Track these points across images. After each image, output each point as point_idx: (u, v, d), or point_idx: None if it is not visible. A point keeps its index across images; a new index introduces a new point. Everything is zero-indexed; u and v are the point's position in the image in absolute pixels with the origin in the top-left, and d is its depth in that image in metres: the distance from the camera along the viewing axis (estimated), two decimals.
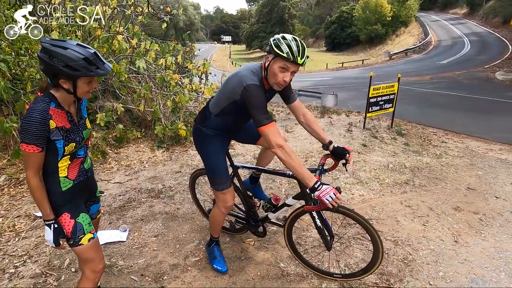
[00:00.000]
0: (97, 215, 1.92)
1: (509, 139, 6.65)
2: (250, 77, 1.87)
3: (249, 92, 1.82)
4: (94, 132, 4.71)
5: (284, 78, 1.84)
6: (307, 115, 2.18)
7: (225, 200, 2.21)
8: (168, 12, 5.57)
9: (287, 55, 1.76)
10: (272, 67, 1.84)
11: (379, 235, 2.01)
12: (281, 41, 1.79)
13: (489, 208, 3.59)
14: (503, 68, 19.15)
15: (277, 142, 1.79)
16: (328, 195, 1.73)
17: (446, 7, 51.05)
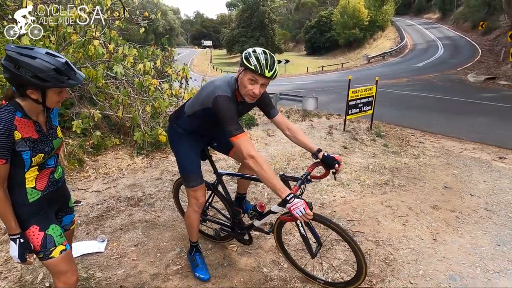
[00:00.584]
0: (71, 226, 1.83)
1: (481, 138, 6.92)
2: (224, 88, 1.92)
3: (219, 103, 1.87)
4: (70, 139, 4.57)
5: (253, 90, 1.87)
6: (291, 127, 2.20)
7: (196, 197, 2.25)
8: (146, 16, 5.49)
9: (255, 68, 1.80)
10: (242, 79, 1.89)
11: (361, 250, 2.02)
12: (251, 54, 1.83)
13: (465, 205, 3.71)
14: (474, 71, 19.97)
15: (249, 152, 1.80)
16: (298, 209, 1.70)
17: (420, 12, 52.88)
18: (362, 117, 7.36)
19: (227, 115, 1.85)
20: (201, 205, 2.31)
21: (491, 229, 3.19)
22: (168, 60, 6.46)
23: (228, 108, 1.87)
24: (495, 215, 3.47)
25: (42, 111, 1.50)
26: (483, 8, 30.13)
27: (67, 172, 4.10)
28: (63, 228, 1.73)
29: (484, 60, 22.72)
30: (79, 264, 2.50)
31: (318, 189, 3.94)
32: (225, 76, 2.09)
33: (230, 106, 1.88)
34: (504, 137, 6.93)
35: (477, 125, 8.21)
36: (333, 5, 53.74)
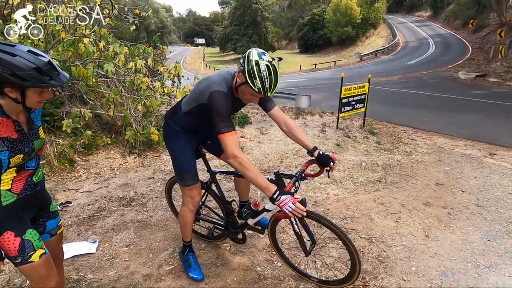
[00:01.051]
0: (57, 231, 1.73)
1: (472, 135, 7.01)
2: (219, 83, 1.89)
3: (214, 98, 1.85)
4: (60, 139, 4.50)
5: (252, 100, 1.91)
6: (289, 122, 2.16)
7: (191, 196, 2.22)
8: (137, 14, 5.42)
9: (258, 91, 1.77)
10: (243, 89, 1.87)
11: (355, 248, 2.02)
12: (255, 72, 1.74)
13: (456, 202, 3.74)
14: (465, 68, 20.21)
15: (233, 152, 1.79)
16: (287, 205, 1.70)
17: (412, 9, 53.28)
18: (355, 114, 7.38)
19: (220, 111, 1.83)
20: (196, 204, 2.29)
21: (482, 225, 3.23)
22: (160, 58, 6.40)
23: (222, 104, 1.84)
24: (486, 211, 3.52)
25: (22, 110, 1.43)
26: (473, 6, 30.49)
27: (57, 172, 4.04)
28: (49, 234, 1.66)
29: (474, 58, 23.00)
30: (70, 265, 2.47)
31: (311, 187, 3.94)
32: (220, 71, 2.05)
33: (224, 102, 1.86)
34: (495, 134, 7.03)
35: (468, 122, 8.30)
36: (326, 2, 53.78)
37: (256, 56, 1.78)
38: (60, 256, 1.80)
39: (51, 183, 3.80)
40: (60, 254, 1.81)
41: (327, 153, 2.07)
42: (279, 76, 1.82)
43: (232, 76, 1.97)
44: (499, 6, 23.25)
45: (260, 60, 1.77)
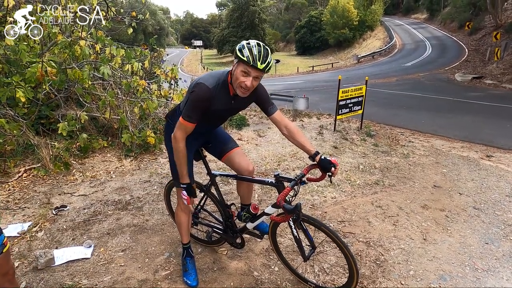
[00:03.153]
0: (3, 249, 1.55)
1: (469, 137, 7.03)
2: (206, 79, 1.94)
3: (194, 90, 1.91)
4: (56, 142, 4.46)
5: (245, 82, 1.83)
6: (290, 127, 2.09)
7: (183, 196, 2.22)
8: (134, 16, 5.40)
9: (247, 59, 1.77)
10: (235, 71, 1.86)
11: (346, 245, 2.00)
12: (244, 46, 1.80)
13: (454, 204, 3.74)
14: (461, 70, 20.31)
15: (176, 134, 1.96)
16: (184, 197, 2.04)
17: (408, 12, 53.60)
18: (352, 116, 7.39)
19: (191, 103, 1.91)
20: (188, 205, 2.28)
21: (480, 228, 3.22)
22: (157, 61, 6.37)
23: (197, 97, 1.89)
24: (483, 214, 3.51)
25: None
26: (469, 8, 30.65)
27: (53, 175, 4.00)
28: None
29: (470, 60, 23.12)
30: (64, 271, 2.43)
31: (308, 190, 3.92)
32: (217, 70, 2.07)
33: (201, 96, 1.89)
34: (491, 136, 7.06)
35: (465, 124, 8.33)
36: (323, 5, 54.06)
37: (247, 41, 1.88)
38: (10, 272, 1.68)
39: (46, 187, 3.77)
40: (10, 270, 1.69)
41: (329, 158, 2.02)
42: (269, 52, 1.85)
43: (226, 73, 1.97)
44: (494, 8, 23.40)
45: (251, 41, 1.87)
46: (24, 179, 3.89)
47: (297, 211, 1.84)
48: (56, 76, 4.19)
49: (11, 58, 4.17)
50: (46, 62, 4.01)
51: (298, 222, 2.03)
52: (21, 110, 4.21)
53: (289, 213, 1.82)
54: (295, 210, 1.81)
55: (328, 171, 2.00)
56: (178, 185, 2.23)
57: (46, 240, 2.82)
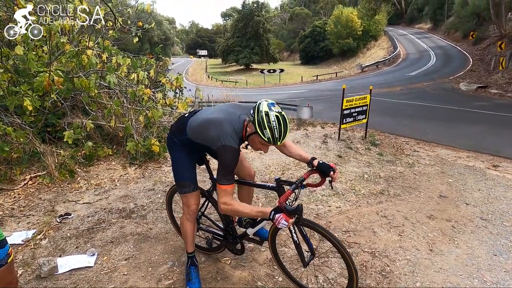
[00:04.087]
0: (7, 259, 1.56)
1: (475, 146, 6.97)
2: (231, 136, 1.93)
3: (224, 152, 1.90)
4: (61, 150, 4.49)
5: (262, 149, 1.98)
6: (286, 143, 2.22)
7: (188, 204, 2.26)
8: (140, 26, 5.48)
9: (268, 140, 1.85)
10: (253, 138, 1.95)
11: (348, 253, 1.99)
12: (265, 123, 1.83)
13: (460, 215, 3.69)
14: (466, 80, 20.26)
15: (224, 201, 1.92)
16: (281, 223, 1.80)
17: (412, 22, 53.82)
18: (356, 126, 7.37)
19: (226, 164, 1.91)
20: (193, 213, 2.30)
21: (487, 239, 3.17)
22: (162, 70, 6.44)
23: (230, 159, 1.91)
24: (491, 224, 3.46)
25: None
26: (472, 18, 30.73)
27: (57, 183, 4.02)
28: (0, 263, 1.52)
29: (475, 69, 23.07)
30: (67, 279, 2.42)
31: (313, 199, 3.90)
32: (230, 114, 2.02)
33: (233, 157, 1.92)
34: (497, 145, 6.99)
35: (470, 134, 8.27)
36: (327, 15, 54.50)
37: (266, 107, 1.86)
38: (13, 282, 1.66)
39: (51, 194, 3.78)
40: (14, 280, 1.69)
41: (327, 162, 2.08)
42: (288, 126, 1.90)
43: (242, 124, 2.00)
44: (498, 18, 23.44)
45: (270, 111, 1.84)
46: (29, 186, 3.91)
47: (299, 212, 1.85)
48: (63, 85, 4.24)
49: (19, 67, 4.24)
50: (53, 72, 4.07)
51: (299, 224, 2.04)
52: (28, 118, 4.27)
53: (291, 214, 1.82)
54: (296, 211, 1.82)
55: (327, 175, 2.08)
56: (181, 192, 2.26)
57: (50, 248, 2.82)
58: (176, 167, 2.27)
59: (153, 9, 4.96)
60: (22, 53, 4.09)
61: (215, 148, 1.94)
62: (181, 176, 2.25)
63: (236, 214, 1.97)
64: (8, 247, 1.56)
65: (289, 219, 1.80)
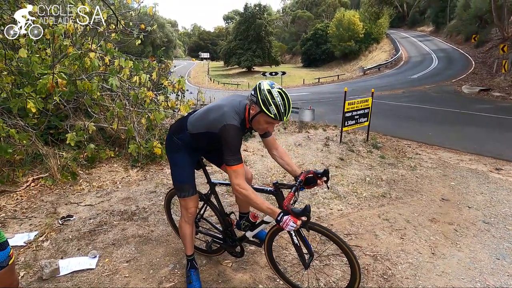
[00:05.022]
0: (9, 261, 1.56)
1: (477, 149, 6.94)
2: (233, 116, 1.93)
3: (227, 131, 1.89)
4: (64, 152, 4.51)
5: (268, 128, 1.99)
6: (279, 149, 2.26)
7: (186, 207, 2.26)
8: (143, 29, 5.51)
9: (275, 117, 1.85)
10: (258, 119, 1.93)
11: (354, 254, 1.99)
12: (269, 100, 1.84)
13: (462, 218, 3.67)
14: (468, 82, 20.20)
15: (238, 183, 1.89)
16: (289, 226, 1.79)
17: (414, 25, 53.79)
18: (358, 128, 7.36)
19: (231, 144, 1.90)
20: (191, 216, 2.31)
21: (490, 242, 3.15)
22: (165, 72, 6.47)
23: (234, 136, 1.90)
24: (494, 228, 3.44)
25: None
26: (475, 21, 30.69)
27: (60, 185, 4.03)
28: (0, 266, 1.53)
29: (477, 72, 23.00)
30: (68, 281, 2.43)
31: (314, 202, 3.89)
32: (232, 100, 2.07)
33: (236, 136, 1.91)
34: (500, 149, 6.96)
35: (472, 136, 8.23)
36: (329, 18, 54.59)
37: (267, 85, 1.88)
38: (14, 284, 1.66)
39: (53, 196, 3.79)
40: (14, 282, 1.68)
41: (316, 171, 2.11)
42: (291, 101, 1.90)
43: (244, 108, 2.01)
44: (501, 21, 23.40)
45: (272, 88, 1.87)
46: (32, 188, 3.92)
47: (307, 213, 1.82)
48: (66, 87, 4.26)
49: (23, 70, 4.27)
50: (57, 74, 4.09)
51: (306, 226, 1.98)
52: (31, 120, 4.29)
53: (299, 216, 1.81)
54: (305, 213, 1.81)
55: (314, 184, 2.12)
56: (180, 196, 2.25)
57: (52, 250, 2.83)
58: (175, 170, 2.27)
59: (155, 11, 4.98)
60: (26, 55, 4.11)
61: (217, 131, 1.92)
62: (180, 179, 2.25)
63: (247, 200, 1.91)
64: (9, 249, 1.56)
65: (297, 220, 1.79)
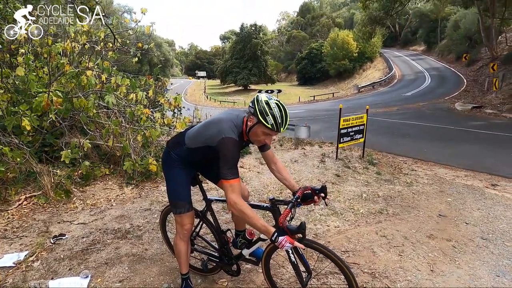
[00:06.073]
0: None
1: (472, 165, 6.98)
2: (230, 130, 1.94)
3: (225, 144, 1.89)
4: (58, 169, 4.46)
5: (265, 140, 1.97)
6: (278, 164, 2.27)
7: (182, 223, 2.23)
8: (140, 47, 5.59)
9: (272, 127, 1.86)
10: (256, 130, 1.94)
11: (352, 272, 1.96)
12: (266, 110, 1.85)
13: (460, 234, 3.64)
14: (461, 100, 20.57)
15: (232, 199, 1.86)
16: (285, 247, 1.77)
17: (406, 44, 55.19)
18: (354, 145, 7.40)
19: (228, 158, 1.89)
20: (187, 233, 2.27)
21: (489, 259, 3.12)
22: (161, 90, 6.52)
23: (231, 150, 1.90)
24: (492, 244, 3.41)
25: None
26: (465, 41, 31.55)
27: (53, 203, 3.97)
28: None
29: (469, 90, 23.47)
30: None
31: (311, 219, 3.85)
32: (229, 114, 2.08)
33: (234, 150, 1.91)
34: (495, 164, 7.00)
35: (467, 153, 8.30)
36: (323, 37, 55.86)
37: (265, 97, 1.91)
38: None
39: (46, 215, 3.72)
40: None
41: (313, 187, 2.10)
42: (288, 113, 1.91)
43: (241, 121, 2.02)
44: (489, 41, 24.08)
45: (269, 100, 1.89)
46: (24, 207, 3.85)
47: (303, 231, 1.79)
48: (61, 105, 4.27)
49: (20, 87, 4.28)
50: (52, 92, 4.11)
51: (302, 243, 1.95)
52: (26, 138, 4.26)
53: (294, 233, 1.78)
54: (300, 230, 1.78)
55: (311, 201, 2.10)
56: (175, 212, 2.22)
57: (42, 270, 2.75)
58: (170, 186, 2.25)
59: (152, 30, 5.07)
60: (23, 74, 4.14)
61: (215, 144, 1.92)
62: (175, 195, 2.23)
63: (242, 216, 1.86)
64: None
65: (293, 240, 1.77)
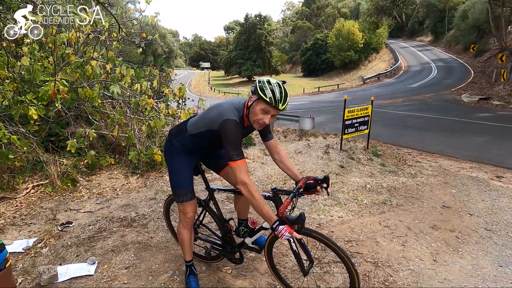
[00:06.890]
0: (5, 264, 1.55)
1: (478, 157, 6.93)
2: (231, 112, 1.94)
3: (226, 126, 1.89)
4: (64, 159, 4.52)
5: (264, 119, 1.93)
6: (281, 153, 2.26)
7: (185, 212, 2.25)
8: (144, 37, 5.58)
9: (270, 100, 1.84)
10: (254, 108, 1.92)
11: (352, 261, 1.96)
12: (266, 85, 1.86)
13: (464, 225, 3.65)
14: (467, 91, 20.32)
15: (242, 179, 1.85)
16: (284, 236, 1.77)
17: (413, 35, 54.34)
18: (358, 136, 7.38)
19: (231, 139, 1.89)
20: (189, 221, 2.29)
21: (492, 250, 3.12)
22: (165, 80, 6.52)
23: (233, 131, 1.90)
24: (496, 235, 3.41)
25: None
26: (473, 31, 31.01)
27: (60, 192, 4.03)
28: None
29: (477, 81, 23.15)
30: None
31: (315, 209, 3.87)
32: (232, 99, 2.10)
33: (236, 130, 1.91)
34: (500, 156, 6.95)
35: (473, 144, 8.24)
36: (328, 28, 55.18)
37: (266, 78, 1.93)
38: None
39: (53, 203, 3.78)
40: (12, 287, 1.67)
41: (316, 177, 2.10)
42: (288, 94, 1.92)
43: (243, 105, 2.02)
44: (498, 31, 23.66)
45: (271, 79, 1.91)
46: (31, 195, 3.92)
47: (301, 221, 1.81)
48: (67, 94, 4.29)
49: (25, 77, 4.31)
50: (58, 81, 4.13)
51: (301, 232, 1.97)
52: (32, 127, 4.31)
53: (293, 223, 1.80)
54: (299, 220, 1.79)
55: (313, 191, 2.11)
56: (178, 201, 2.24)
57: (50, 256, 2.81)
58: (173, 175, 2.26)
59: (156, 20, 5.04)
60: (28, 63, 4.16)
61: (216, 128, 1.92)
62: (178, 184, 2.24)
63: (250, 198, 1.85)
64: (6, 251, 1.55)
65: (293, 230, 1.78)
